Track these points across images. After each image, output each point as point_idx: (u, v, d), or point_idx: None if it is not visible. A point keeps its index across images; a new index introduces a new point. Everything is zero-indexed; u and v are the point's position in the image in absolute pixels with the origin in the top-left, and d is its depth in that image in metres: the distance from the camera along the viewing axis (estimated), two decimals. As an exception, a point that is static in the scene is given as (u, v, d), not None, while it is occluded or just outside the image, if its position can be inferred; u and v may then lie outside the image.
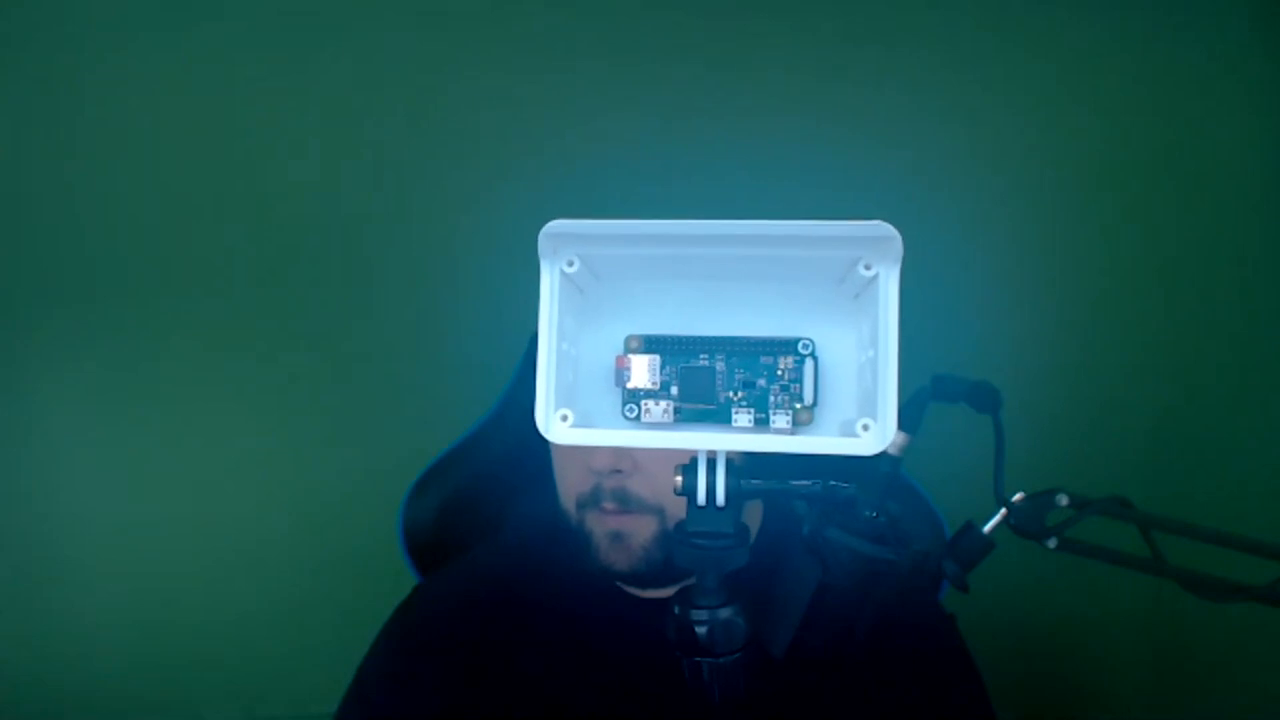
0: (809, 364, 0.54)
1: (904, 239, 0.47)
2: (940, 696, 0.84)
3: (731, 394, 0.54)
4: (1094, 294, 1.33)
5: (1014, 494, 0.57)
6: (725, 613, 0.55)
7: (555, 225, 0.51)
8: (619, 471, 0.78)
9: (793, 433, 0.54)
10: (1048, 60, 1.31)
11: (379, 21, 1.31)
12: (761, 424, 0.54)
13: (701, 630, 0.55)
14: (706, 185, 1.31)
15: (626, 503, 0.79)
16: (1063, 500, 0.57)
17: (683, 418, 0.54)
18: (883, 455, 0.57)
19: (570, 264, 0.52)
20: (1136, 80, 1.31)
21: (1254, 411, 1.30)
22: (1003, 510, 0.57)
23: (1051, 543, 0.56)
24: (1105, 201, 1.33)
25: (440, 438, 1.06)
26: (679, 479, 0.54)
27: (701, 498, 0.54)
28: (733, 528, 0.55)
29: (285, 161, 1.32)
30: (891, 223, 0.47)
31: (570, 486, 0.82)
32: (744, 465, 0.56)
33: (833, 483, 0.56)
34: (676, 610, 0.56)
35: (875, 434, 0.49)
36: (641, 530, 0.78)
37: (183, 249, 1.32)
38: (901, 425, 0.57)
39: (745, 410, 0.54)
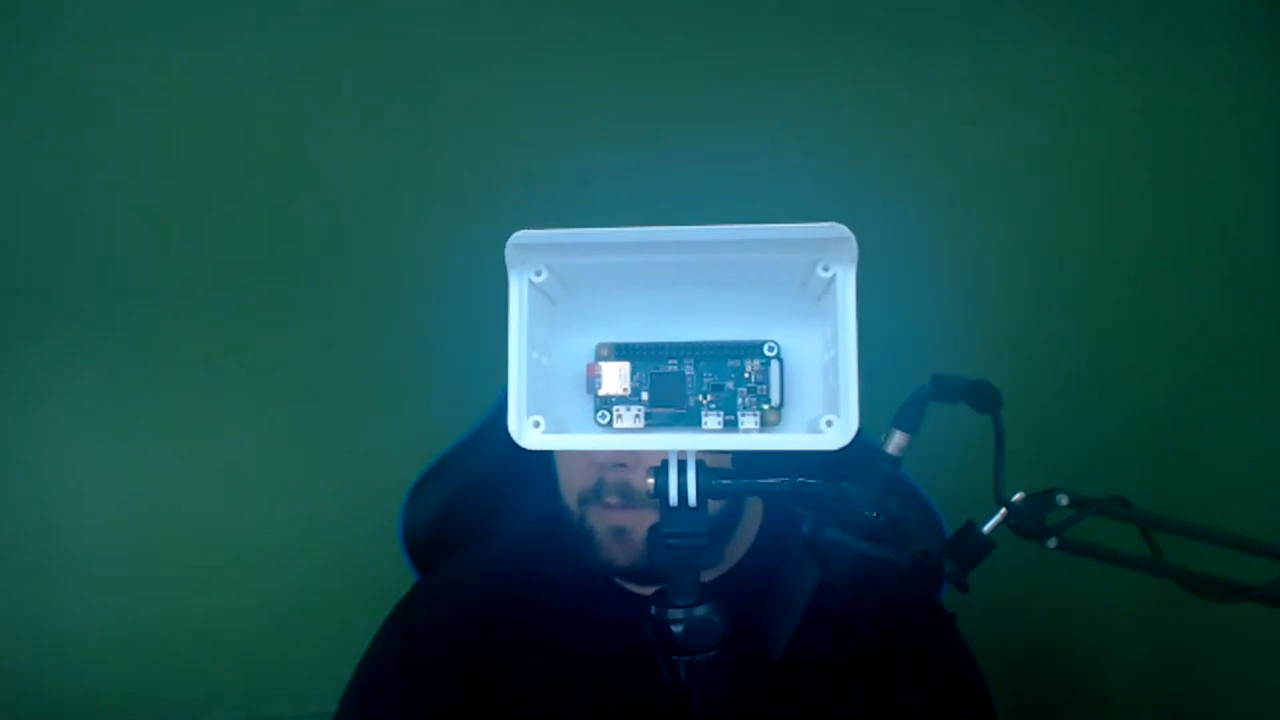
0: (775, 366, 0.55)
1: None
2: (941, 696, 0.85)
3: (701, 397, 0.56)
4: (1094, 294, 1.33)
5: (1014, 494, 0.57)
6: (701, 611, 0.56)
7: (521, 236, 0.52)
8: (622, 465, 0.79)
9: (761, 433, 0.55)
10: (1046, 60, 1.31)
11: (380, 24, 1.31)
12: (731, 425, 0.55)
13: (678, 629, 0.56)
14: (705, 192, 1.31)
15: (629, 497, 0.79)
16: (1063, 500, 0.57)
17: (654, 422, 0.55)
18: (883, 455, 0.57)
19: (538, 274, 0.54)
20: (1136, 80, 1.31)
21: (1254, 411, 1.30)
22: (1003, 510, 0.57)
23: (1051, 543, 0.56)
24: (1106, 201, 1.33)
25: (440, 438, 1.06)
26: (651, 481, 0.55)
27: (674, 498, 0.55)
28: (706, 527, 0.56)
29: (287, 165, 1.32)
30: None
31: (573, 481, 0.83)
32: (732, 469, 0.56)
33: (800, 479, 0.56)
34: (653, 610, 0.57)
35: (839, 429, 0.51)
36: (643, 525, 0.78)
37: (184, 250, 1.32)
38: (901, 425, 0.57)
39: (714, 413, 0.55)
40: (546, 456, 0.87)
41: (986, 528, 0.57)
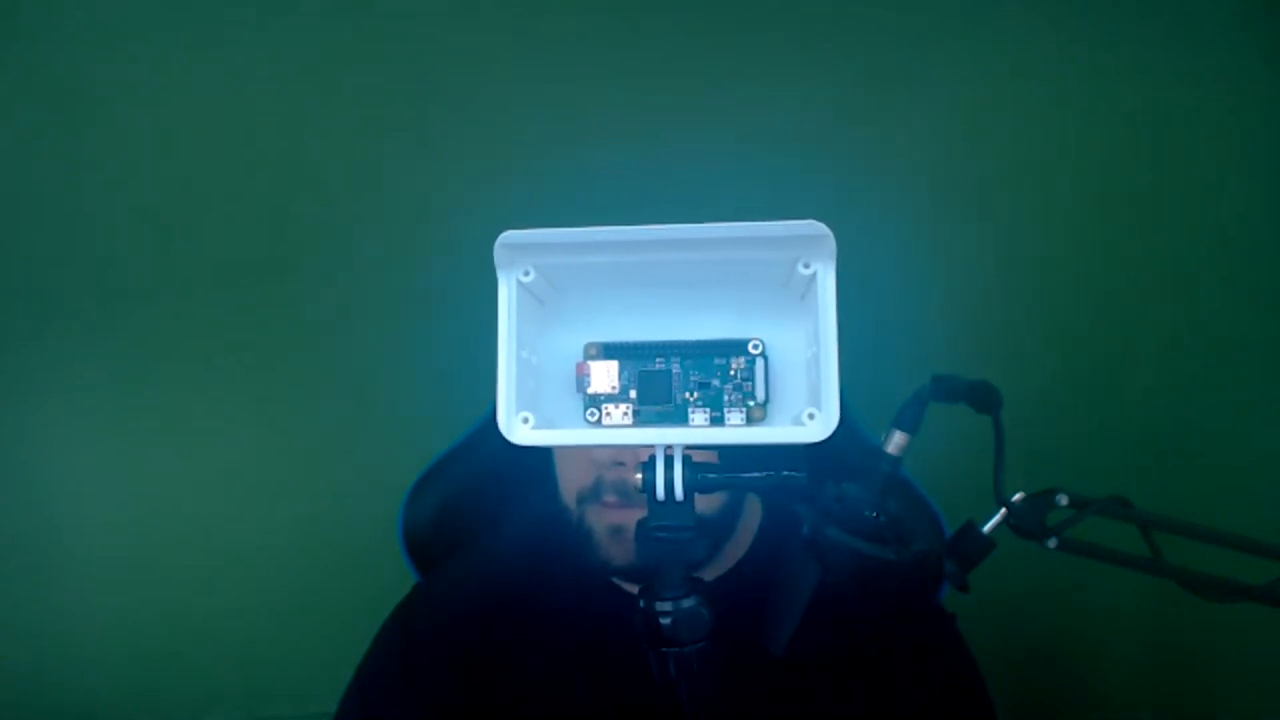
0: (760, 363, 0.56)
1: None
2: (941, 696, 0.85)
3: (688, 395, 0.57)
4: (1094, 293, 1.33)
5: (1014, 494, 0.57)
6: (689, 603, 0.57)
7: (509, 236, 0.53)
8: (621, 464, 0.79)
9: (745, 427, 0.56)
10: (1046, 60, 1.31)
11: (380, 24, 1.31)
12: (717, 422, 0.56)
13: (665, 621, 0.56)
14: (705, 192, 1.31)
15: (627, 496, 0.79)
16: (1063, 500, 0.57)
17: (642, 419, 0.57)
18: (883, 455, 0.57)
19: (526, 274, 0.55)
20: (1136, 80, 1.31)
21: (1254, 411, 1.30)
22: (1003, 510, 0.57)
23: (1051, 543, 0.56)
24: (1108, 201, 1.33)
25: (440, 438, 1.06)
26: (638, 476, 0.56)
27: (660, 493, 0.56)
28: (693, 520, 0.56)
29: (287, 165, 1.32)
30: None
31: (572, 480, 0.83)
32: (719, 464, 0.57)
33: (785, 472, 0.57)
34: (642, 604, 0.58)
35: (820, 422, 0.52)
36: (641, 523, 0.79)
37: (184, 250, 1.32)
38: (901, 425, 0.57)
39: (701, 410, 0.56)
40: (545, 457, 0.87)
41: (986, 528, 0.57)
